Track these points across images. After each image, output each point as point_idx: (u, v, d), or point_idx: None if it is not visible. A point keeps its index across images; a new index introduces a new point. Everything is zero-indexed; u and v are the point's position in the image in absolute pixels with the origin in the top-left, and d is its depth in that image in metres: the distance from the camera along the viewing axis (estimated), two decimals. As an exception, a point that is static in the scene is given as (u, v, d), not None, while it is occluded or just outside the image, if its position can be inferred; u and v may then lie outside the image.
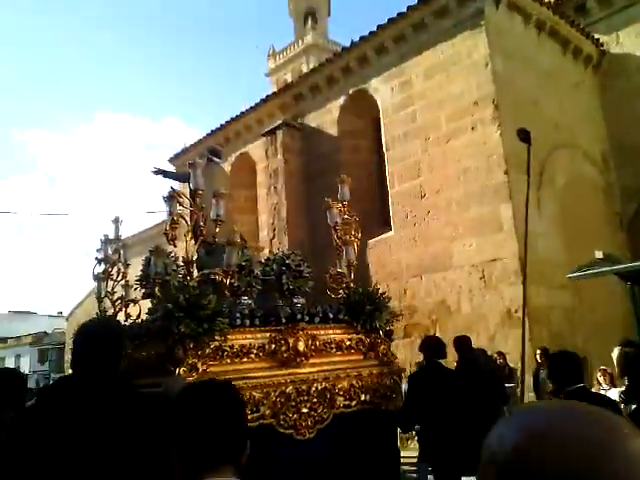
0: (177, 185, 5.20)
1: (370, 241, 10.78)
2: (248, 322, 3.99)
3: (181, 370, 3.50)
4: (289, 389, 3.80)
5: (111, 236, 5.23)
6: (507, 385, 6.55)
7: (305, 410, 3.81)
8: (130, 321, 4.52)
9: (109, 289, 4.93)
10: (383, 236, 10.68)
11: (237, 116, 13.73)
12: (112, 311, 4.84)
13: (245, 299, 4.35)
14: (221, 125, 14.15)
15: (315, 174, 11.96)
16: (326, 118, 11.93)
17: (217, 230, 4.26)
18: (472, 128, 9.39)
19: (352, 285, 4.75)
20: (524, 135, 5.76)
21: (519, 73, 9.69)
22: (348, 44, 11.48)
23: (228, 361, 3.83)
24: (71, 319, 30.10)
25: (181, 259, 4.24)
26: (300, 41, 37.66)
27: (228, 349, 3.84)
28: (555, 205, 9.66)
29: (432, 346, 4.83)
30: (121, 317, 4.62)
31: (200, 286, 3.98)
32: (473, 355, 5.58)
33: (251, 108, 13.37)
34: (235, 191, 14.21)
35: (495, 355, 7.53)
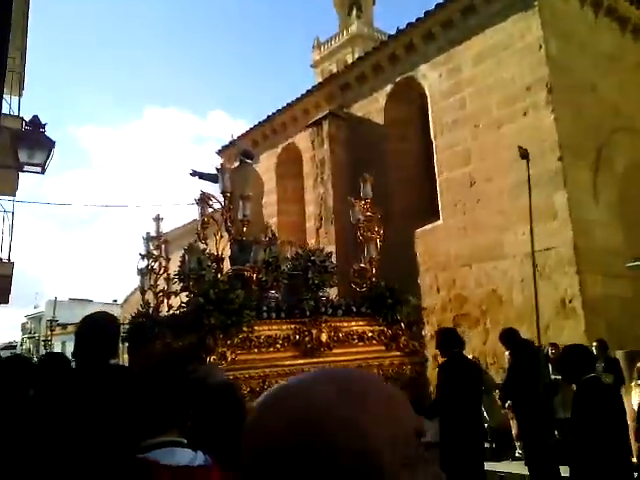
0: (210, 186, 5.41)
1: (418, 230, 10.67)
2: (274, 315, 4.24)
3: (212, 358, 3.77)
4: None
5: (153, 233, 5.50)
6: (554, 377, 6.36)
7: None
8: (171, 312, 4.80)
9: (152, 282, 5.21)
10: (431, 225, 10.53)
11: (283, 107, 13.79)
12: (155, 302, 5.11)
13: (272, 293, 4.66)
14: (267, 117, 14.26)
15: (361, 163, 11.87)
16: (372, 107, 11.83)
17: (244, 229, 4.57)
18: (524, 114, 9.10)
19: (374, 280, 4.95)
20: (523, 152, 5.70)
21: (574, 55, 9.30)
22: (394, 32, 11.32)
23: (255, 350, 4.12)
24: (125, 306, 31.28)
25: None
26: (345, 31, 37.43)
27: (255, 339, 4.13)
28: (613, 192, 9.26)
29: (452, 337, 4.76)
30: (163, 308, 4.92)
31: (230, 281, 4.32)
32: (527, 347, 5.44)
33: (297, 99, 13.40)
34: (281, 182, 14.36)
35: (548, 347, 7.30)
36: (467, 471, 4.18)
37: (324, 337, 4.34)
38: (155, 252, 5.36)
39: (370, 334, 4.68)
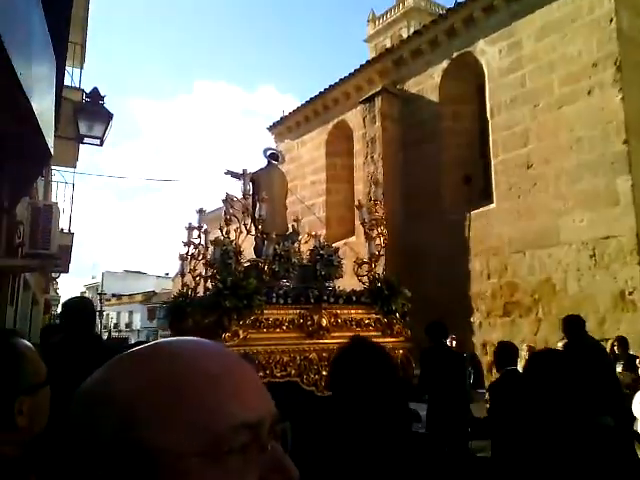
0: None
1: (469, 214, 10.39)
2: (282, 300, 4.93)
3: (226, 335, 4.43)
4: (312, 355, 4.76)
5: (195, 223, 6.07)
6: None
7: (325, 373, 4.51)
8: (201, 294, 5.53)
9: (191, 267, 5.87)
10: (484, 209, 10.23)
11: (335, 83, 13.62)
12: (193, 285, 5.78)
13: (284, 282, 5.33)
14: (319, 92, 14.13)
15: (413, 142, 11.65)
16: (427, 83, 11.50)
17: (259, 227, 5.38)
18: (588, 92, 8.61)
19: (373, 272, 5.64)
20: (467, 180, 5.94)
21: (649, 30, 8.69)
22: (452, 5, 10.90)
23: (264, 330, 4.77)
24: (176, 280, 32.27)
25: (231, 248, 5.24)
26: (401, 4, 36.46)
27: (264, 321, 4.80)
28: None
29: (439, 328, 5.70)
30: (200, 290, 5.60)
31: (247, 270, 5.04)
32: (586, 340, 5.17)
33: (350, 75, 13.19)
34: (331, 159, 14.27)
35: (614, 341, 6.69)
36: (451, 447, 4.73)
37: (324, 322, 5.01)
38: (195, 240, 5.93)
39: (367, 321, 5.35)
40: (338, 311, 5.17)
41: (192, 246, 5.89)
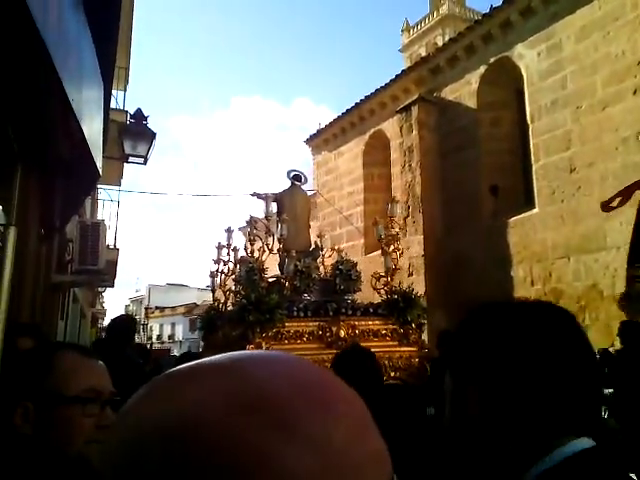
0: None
1: (511, 220, 10.19)
2: (302, 314, 5.27)
3: (250, 347, 4.65)
4: (328, 364, 4.92)
5: (224, 242, 6.52)
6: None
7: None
8: (230, 309, 5.87)
9: (221, 283, 6.30)
10: (526, 214, 10.01)
11: (371, 94, 13.65)
12: (223, 299, 6.16)
13: (305, 296, 5.64)
14: (355, 104, 14.20)
15: (451, 150, 11.55)
16: (464, 90, 11.40)
17: (281, 245, 5.73)
18: (634, 92, 8.35)
19: (389, 285, 5.92)
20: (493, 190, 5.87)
21: (697, 25, 8.37)
22: (487, 11, 10.79)
23: (286, 342, 5.10)
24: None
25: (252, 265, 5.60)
26: (435, 12, 36.32)
27: (286, 333, 5.16)
28: None
29: (446, 337, 5.61)
30: (230, 303, 5.95)
31: (271, 286, 5.40)
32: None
33: (385, 85, 13.21)
34: (368, 169, 14.28)
35: None
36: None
37: (342, 333, 5.35)
38: (225, 258, 6.38)
39: (384, 331, 5.65)
40: (356, 322, 5.51)
41: (222, 263, 6.33)
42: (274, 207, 6.48)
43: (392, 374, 5.23)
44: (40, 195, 4.10)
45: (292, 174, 6.77)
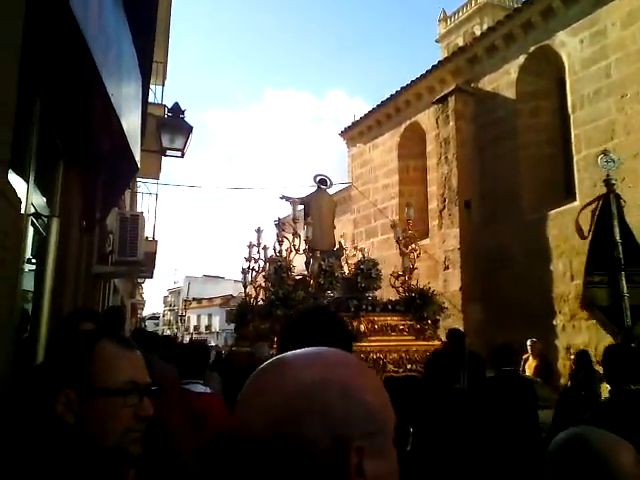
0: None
1: (551, 212, 9.93)
2: None
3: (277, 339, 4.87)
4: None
5: (254, 241, 7.00)
6: None
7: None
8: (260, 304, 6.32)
9: (252, 279, 6.75)
10: (566, 207, 9.72)
11: (407, 85, 13.49)
12: (254, 294, 6.61)
13: (329, 293, 6.07)
14: (391, 95, 14.06)
15: (488, 141, 11.31)
16: (502, 80, 11.13)
17: (306, 246, 6.16)
18: (684, 79, 7.99)
19: (407, 284, 6.29)
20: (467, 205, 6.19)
21: None
22: (529, -3, 10.49)
23: None
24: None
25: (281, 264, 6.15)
26: (473, 1, 35.50)
27: None
28: None
29: (457, 336, 5.86)
30: (260, 298, 6.38)
31: (297, 284, 5.80)
32: None
33: (422, 75, 13.02)
34: (403, 162, 14.14)
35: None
36: None
37: (362, 327, 5.68)
38: (255, 256, 6.84)
39: (402, 327, 6.01)
40: (375, 318, 5.87)
41: (252, 261, 6.78)
42: (300, 209, 6.97)
43: (409, 366, 5.60)
44: (81, 188, 4.23)
45: (318, 178, 7.15)
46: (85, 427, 0.98)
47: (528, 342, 7.87)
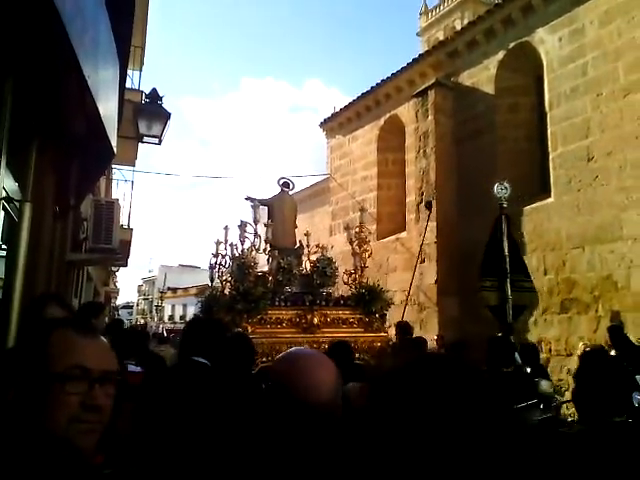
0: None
1: (526, 208, 10.07)
2: (283, 304, 6.35)
3: (237, 330, 5.29)
4: (305, 346, 5.64)
5: (221, 239, 7.34)
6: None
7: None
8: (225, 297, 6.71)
9: (220, 273, 7.19)
10: (541, 203, 9.89)
11: (387, 78, 13.49)
12: (220, 288, 7.01)
13: (287, 288, 6.61)
14: (371, 88, 14.04)
15: (467, 136, 11.41)
16: (482, 75, 11.22)
17: (266, 245, 6.74)
18: (658, 80, 8.16)
19: (358, 281, 6.94)
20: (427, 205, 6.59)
21: None
22: (510, -7, 10.56)
23: (268, 327, 6.12)
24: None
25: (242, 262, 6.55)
26: (455, -5, 35.64)
27: (268, 319, 6.18)
28: None
29: (403, 327, 6.68)
30: (227, 291, 6.78)
31: (257, 280, 6.33)
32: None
33: (402, 69, 13.03)
34: (382, 155, 14.17)
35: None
36: None
37: (316, 320, 6.33)
38: (222, 252, 7.25)
39: (352, 320, 6.65)
40: (328, 312, 6.51)
41: (220, 257, 7.24)
42: (261, 211, 7.52)
43: (357, 356, 6.09)
44: (55, 173, 4.12)
45: (281, 181, 7.72)
46: (36, 415, 0.96)
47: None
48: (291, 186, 7.84)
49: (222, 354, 2.96)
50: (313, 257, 7.12)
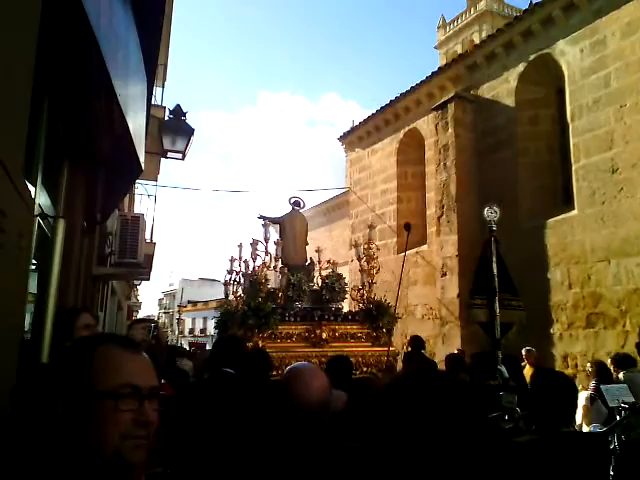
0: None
1: (549, 221, 9.96)
2: (292, 319, 6.52)
3: (249, 345, 5.59)
4: (314, 360, 5.77)
5: (236, 256, 7.55)
6: None
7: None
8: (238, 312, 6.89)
9: (234, 290, 7.33)
10: (564, 215, 9.77)
11: (406, 91, 13.53)
12: (235, 304, 7.17)
13: (297, 304, 6.80)
14: (390, 101, 14.10)
15: (487, 148, 11.35)
16: (502, 88, 11.19)
17: (276, 262, 6.91)
18: (683, 90, 8.04)
19: (366, 297, 7.05)
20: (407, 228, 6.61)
21: None
22: (526, 7, 10.55)
23: (278, 341, 6.32)
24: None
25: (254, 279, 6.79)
26: (473, 8, 35.71)
27: (279, 334, 6.37)
28: None
29: (417, 341, 6.89)
30: (240, 307, 6.90)
31: (268, 296, 6.51)
32: None
33: (421, 82, 13.06)
34: (402, 168, 14.17)
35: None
36: None
37: (324, 335, 6.49)
38: (237, 268, 7.44)
39: (360, 334, 6.80)
40: (336, 326, 6.68)
41: (234, 273, 7.41)
42: (271, 229, 7.64)
43: (365, 369, 6.34)
44: (84, 189, 4.20)
45: (292, 200, 7.86)
46: (85, 431, 0.97)
47: (523, 351, 7.82)
48: (302, 205, 7.99)
49: (245, 366, 3.39)
50: (324, 272, 7.25)
